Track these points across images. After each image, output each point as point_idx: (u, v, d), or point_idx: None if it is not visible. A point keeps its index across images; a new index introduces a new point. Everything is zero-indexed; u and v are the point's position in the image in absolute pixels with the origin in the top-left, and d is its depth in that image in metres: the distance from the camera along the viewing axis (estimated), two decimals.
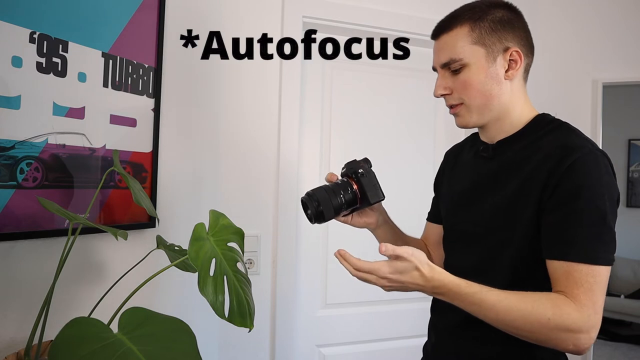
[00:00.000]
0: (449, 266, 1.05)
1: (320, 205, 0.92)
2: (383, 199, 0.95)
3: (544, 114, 1.00)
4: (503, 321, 0.83)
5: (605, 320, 4.51)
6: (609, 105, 2.45)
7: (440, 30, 0.97)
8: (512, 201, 0.91)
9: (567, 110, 2.10)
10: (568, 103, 2.12)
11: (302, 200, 0.95)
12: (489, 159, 1.01)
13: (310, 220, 0.95)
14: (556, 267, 0.84)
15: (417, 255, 0.82)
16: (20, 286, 1.02)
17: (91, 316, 0.80)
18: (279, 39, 1.70)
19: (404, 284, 0.84)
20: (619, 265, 4.94)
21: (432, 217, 1.21)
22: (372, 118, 1.92)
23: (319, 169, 1.83)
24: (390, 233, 1.11)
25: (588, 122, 2.10)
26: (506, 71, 0.95)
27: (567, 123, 0.97)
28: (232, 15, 1.63)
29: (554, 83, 2.13)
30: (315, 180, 1.81)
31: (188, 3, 1.46)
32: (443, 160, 1.22)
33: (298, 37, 1.72)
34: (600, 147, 2.05)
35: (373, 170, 1.00)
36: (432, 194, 1.24)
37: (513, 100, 0.97)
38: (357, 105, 1.90)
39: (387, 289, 0.86)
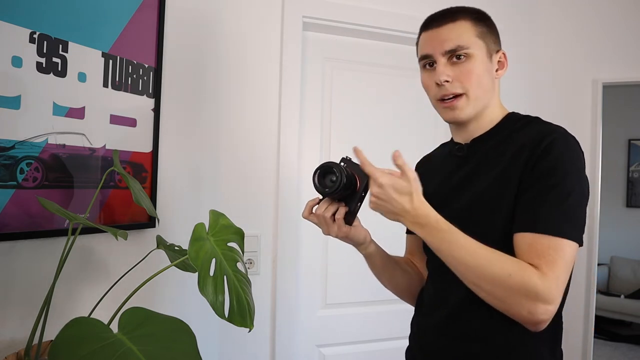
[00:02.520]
0: (434, 268, 1.05)
1: (346, 175, 0.91)
2: None
3: (513, 112, 1.04)
4: (467, 265, 0.85)
5: (605, 320, 4.53)
6: (609, 105, 2.45)
7: (444, 18, 0.98)
8: (489, 196, 0.93)
9: (567, 110, 2.11)
10: (568, 103, 2.12)
11: (325, 167, 0.92)
12: (464, 157, 1.03)
13: (329, 189, 0.91)
14: (520, 240, 0.86)
15: (417, 184, 0.88)
16: (20, 286, 1.02)
17: (91, 316, 0.80)
18: (279, 38, 1.70)
19: (391, 202, 0.87)
20: (619, 265, 4.94)
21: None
22: (372, 118, 1.92)
23: None
24: (381, 252, 1.11)
25: (588, 122, 2.10)
26: (496, 71, 1.01)
27: (537, 117, 1.00)
28: (232, 15, 1.63)
29: (554, 83, 2.13)
30: None
31: (188, 3, 1.46)
32: None
33: (298, 37, 1.72)
34: (600, 147, 2.08)
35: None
36: None
37: (495, 98, 1.02)
38: (357, 105, 1.90)
39: (373, 201, 0.88)
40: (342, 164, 0.99)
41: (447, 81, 0.96)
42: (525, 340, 0.90)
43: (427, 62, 1.00)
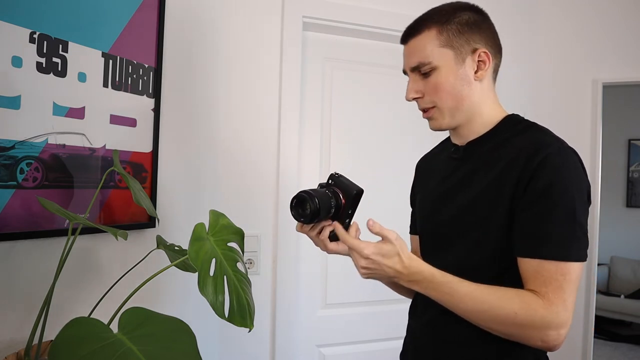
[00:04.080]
0: None
1: (319, 204, 0.92)
2: (363, 191, 0.97)
3: (513, 114, 1.00)
4: (472, 312, 0.85)
5: (605, 320, 4.52)
6: (609, 105, 2.45)
7: (409, 34, 0.98)
8: (483, 200, 0.92)
9: (567, 110, 2.11)
10: (568, 103, 2.12)
11: (299, 197, 0.95)
12: (459, 160, 1.02)
13: (304, 219, 0.94)
14: (526, 265, 0.85)
15: (400, 242, 0.87)
16: (20, 286, 1.02)
17: (91, 316, 0.80)
18: (279, 38, 1.70)
19: (382, 268, 0.87)
20: (619, 265, 4.94)
21: (413, 230, 1.20)
22: (372, 118, 1.92)
23: (319, 169, 1.83)
24: None
25: (588, 122, 2.10)
26: (475, 72, 0.95)
27: (536, 123, 0.97)
28: (232, 15, 1.63)
29: (554, 83, 2.13)
30: (315, 180, 1.81)
31: (188, 3, 1.46)
32: (415, 173, 1.22)
33: (298, 37, 1.72)
34: (600, 147, 2.08)
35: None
36: None
37: (483, 100, 0.97)
38: (357, 105, 1.90)
39: (364, 272, 0.88)
40: (330, 181, 0.99)
41: (416, 98, 0.97)
42: (511, 348, 0.89)
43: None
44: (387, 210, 1.51)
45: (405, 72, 1.01)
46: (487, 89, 0.98)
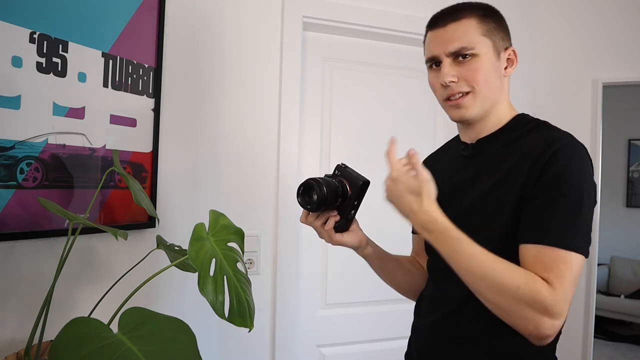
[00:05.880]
0: (434, 268, 1.04)
1: (327, 192, 0.92)
2: (369, 182, 0.98)
3: (523, 114, 1.01)
4: (474, 275, 0.83)
5: (605, 320, 4.49)
6: (609, 105, 2.45)
7: (448, 17, 0.96)
8: (491, 198, 0.92)
9: (567, 110, 2.11)
10: (568, 103, 2.12)
11: (306, 184, 0.95)
12: (468, 157, 1.01)
13: (311, 206, 0.94)
14: (526, 252, 0.84)
15: (429, 187, 0.87)
16: (20, 286, 1.02)
17: (91, 316, 0.80)
18: (279, 38, 1.70)
19: (401, 198, 0.88)
20: (619, 265, 4.94)
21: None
22: (372, 118, 1.92)
23: (319, 169, 1.83)
24: (379, 253, 1.10)
25: (588, 122, 2.10)
26: (505, 68, 0.97)
27: (546, 122, 0.97)
28: (232, 15, 1.63)
29: (554, 83, 2.13)
30: None
31: (188, 3, 1.46)
32: None
33: (298, 36, 1.72)
34: (600, 147, 2.08)
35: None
36: None
37: (503, 97, 0.98)
38: (357, 105, 1.90)
39: (386, 191, 0.92)
40: (336, 172, 1.00)
41: (453, 82, 0.94)
42: (519, 347, 0.87)
43: (434, 62, 0.98)
44: (386, 209, 1.51)
45: (431, 59, 0.98)
46: (507, 87, 0.99)
